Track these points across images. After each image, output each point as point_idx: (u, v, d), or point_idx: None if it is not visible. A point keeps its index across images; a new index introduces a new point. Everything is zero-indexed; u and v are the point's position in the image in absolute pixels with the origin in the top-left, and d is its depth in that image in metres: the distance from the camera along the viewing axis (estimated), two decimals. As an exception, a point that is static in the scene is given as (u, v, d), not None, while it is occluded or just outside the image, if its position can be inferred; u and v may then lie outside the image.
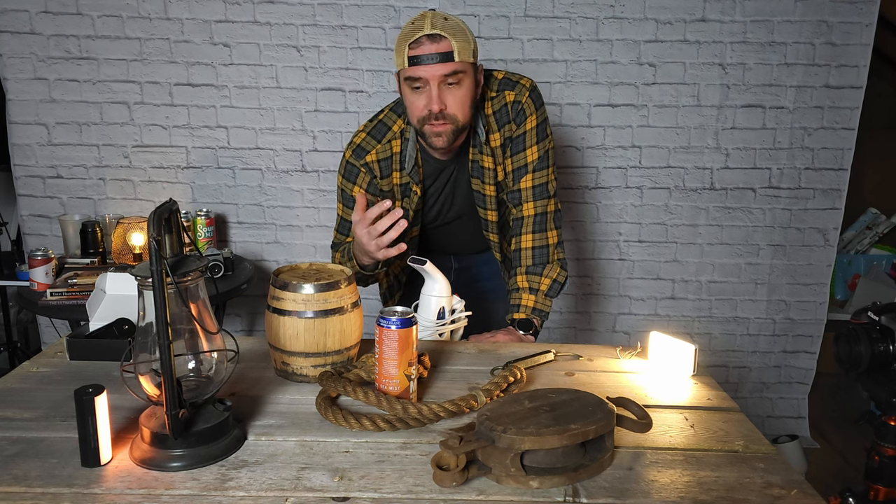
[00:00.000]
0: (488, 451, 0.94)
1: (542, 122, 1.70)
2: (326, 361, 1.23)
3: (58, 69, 2.65)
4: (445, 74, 1.52)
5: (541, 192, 1.71)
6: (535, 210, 1.71)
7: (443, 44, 1.50)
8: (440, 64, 1.51)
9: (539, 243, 1.70)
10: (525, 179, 1.70)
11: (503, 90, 1.68)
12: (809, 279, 2.93)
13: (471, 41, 1.55)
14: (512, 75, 1.71)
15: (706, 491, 0.93)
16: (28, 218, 2.78)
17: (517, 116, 1.67)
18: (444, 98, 1.54)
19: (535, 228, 1.70)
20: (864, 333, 1.21)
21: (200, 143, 2.75)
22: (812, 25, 2.68)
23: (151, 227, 0.89)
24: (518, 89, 1.67)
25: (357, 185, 1.72)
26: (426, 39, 1.50)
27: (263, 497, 0.89)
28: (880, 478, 1.27)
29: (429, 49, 1.50)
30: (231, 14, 2.64)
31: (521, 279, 1.69)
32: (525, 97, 1.67)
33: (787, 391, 3.06)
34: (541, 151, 1.69)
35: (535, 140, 1.69)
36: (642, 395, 1.23)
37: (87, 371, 1.26)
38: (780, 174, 2.83)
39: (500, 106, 1.68)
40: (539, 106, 1.69)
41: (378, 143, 1.70)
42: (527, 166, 1.70)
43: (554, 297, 1.69)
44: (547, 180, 1.71)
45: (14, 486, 0.90)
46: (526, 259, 1.70)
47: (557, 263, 1.70)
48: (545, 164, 1.70)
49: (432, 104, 1.53)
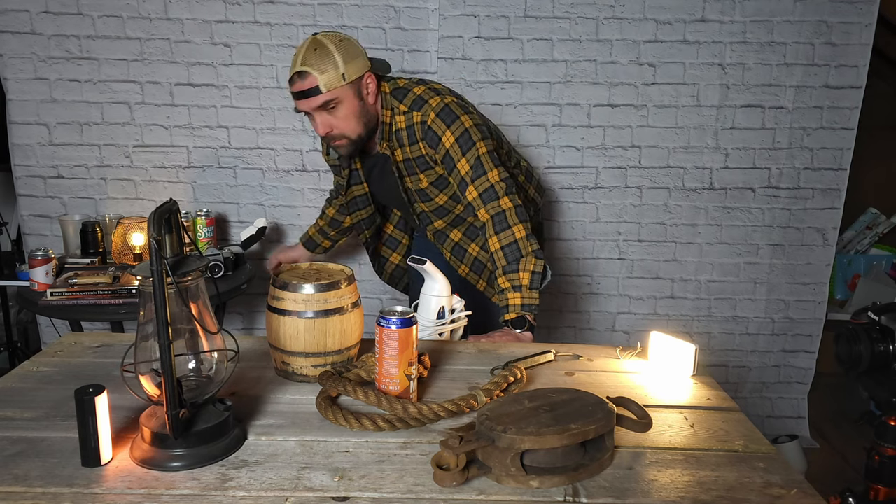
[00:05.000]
0: (488, 451, 0.94)
1: (462, 134, 1.74)
2: (326, 361, 1.23)
3: (58, 69, 2.66)
4: (318, 106, 1.70)
5: (488, 197, 1.74)
6: (490, 213, 1.73)
7: (308, 80, 1.68)
8: (309, 98, 1.70)
9: (506, 241, 1.71)
10: (468, 191, 1.75)
11: (413, 109, 1.77)
12: (808, 279, 2.93)
13: (340, 66, 1.68)
14: (426, 93, 1.77)
15: (706, 491, 0.93)
16: (28, 218, 2.79)
17: (426, 137, 1.76)
18: (328, 122, 1.74)
19: (496, 229, 1.72)
20: (864, 333, 1.22)
21: (201, 143, 2.76)
22: (812, 25, 2.68)
23: (152, 227, 0.89)
24: (424, 110, 1.75)
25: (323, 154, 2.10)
26: (297, 77, 1.69)
27: (264, 497, 0.89)
28: (880, 478, 1.27)
29: (299, 87, 1.70)
30: (231, 14, 2.64)
31: (501, 280, 1.70)
32: (431, 118, 1.74)
33: (787, 391, 3.06)
34: (471, 161, 1.74)
35: (460, 153, 1.74)
36: (642, 394, 1.23)
37: (87, 371, 1.27)
38: (780, 174, 2.83)
39: (409, 123, 1.77)
40: (451, 121, 1.74)
41: None
42: (464, 179, 1.75)
43: (538, 288, 1.68)
44: (490, 184, 1.74)
45: (14, 485, 0.90)
46: (500, 260, 1.71)
47: (531, 255, 1.69)
48: (481, 170, 1.74)
49: (318, 130, 1.76)
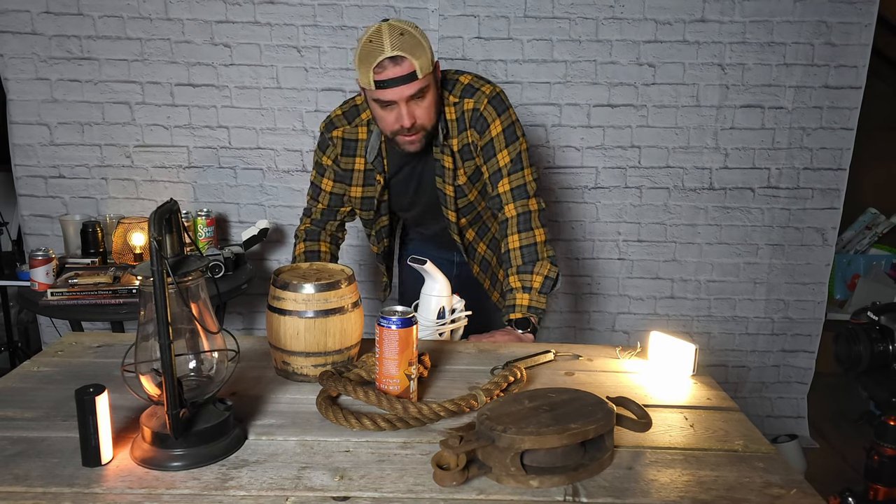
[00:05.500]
0: (488, 451, 0.94)
1: (509, 125, 1.72)
2: (327, 361, 1.23)
3: (59, 69, 2.66)
4: (412, 94, 1.58)
5: (520, 194, 1.73)
6: (517, 210, 1.72)
7: (404, 64, 1.54)
8: (405, 85, 1.56)
9: (526, 242, 1.71)
10: (502, 183, 1.73)
11: (464, 97, 1.72)
12: (808, 279, 2.93)
13: (427, 50, 1.58)
14: (475, 81, 1.74)
15: (706, 490, 0.93)
16: (29, 218, 2.79)
17: (476, 124, 1.71)
18: (413, 113, 1.61)
19: (519, 228, 1.72)
20: (863, 333, 1.22)
21: (202, 143, 2.76)
22: (811, 26, 2.68)
23: (152, 227, 0.89)
24: (477, 97, 1.71)
25: (326, 155, 1.83)
26: (389, 62, 1.54)
27: (264, 496, 0.89)
28: (880, 477, 1.27)
29: (393, 73, 1.55)
30: (232, 15, 2.64)
31: (513, 279, 1.70)
32: (484, 105, 1.70)
33: (787, 391, 3.06)
34: (512, 154, 1.72)
35: (503, 144, 1.72)
36: (642, 394, 1.23)
37: (87, 370, 1.27)
38: (779, 174, 2.84)
39: (460, 113, 1.72)
40: (502, 111, 1.72)
41: (348, 123, 1.79)
42: (501, 171, 1.73)
43: (547, 294, 1.69)
44: (524, 181, 1.73)
45: (15, 485, 0.90)
46: (515, 259, 1.71)
47: (548, 260, 1.71)
48: (519, 165, 1.73)
49: (403, 121, 1.61)
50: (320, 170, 1.86)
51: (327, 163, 1.83)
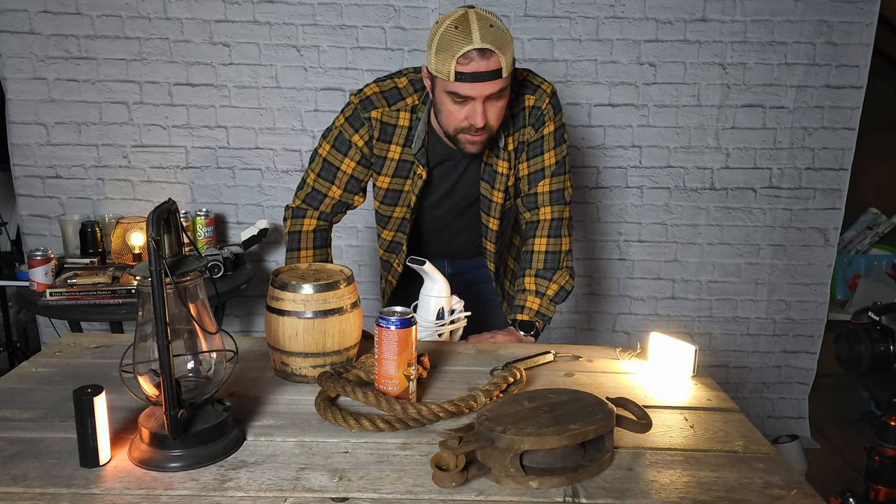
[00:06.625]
0: (488, 452, 0.93)
1: (560, 127, 1.67)
2: (326, 362, 1.22)
3: (57, 69, 2.65)
4: (494, 92, 1.45)
5: (558, 198, 1.69)
6: (552, 215, 1.69)
7: (493, 60, 1.41)
8: (489, 82, 1.43)
9: (553, 248, 1.69)
10: (543, 184, 1.68)
11: (523, 93, 1.63)
12: (810, 279, 2.93)
13: (512, 47, 1.46)
14: (534, 77, 1.66)
15: (706, 491, 0.92)
16: (27, 218, 2.78)
17: (535, 122, 1.64)
18: (487, 112, 1.48)
19: (550, 233, 1.69)
20: (864, 333, 1.21)
21: (200, 143, 2.75)
22: (812, 25, 2.68)
23: (150, 227, 0.89)
24: (538, 94, 1.63)
25: (358, 134, 1.62)
26: (476, 54, 1.40)
27: (262, 497, 0.89)
28: (880, 478, 1.27)
29: (479, 66, 1.40)
30: (231, 14, 2.64)
31: (529, 281, 1.68)
32: (545, 103, 1.63)
33: (788, 391, 3.06)
34: (558, 157, 1.67)
35: (552, 145, 1.66)
36: (642, 395, 1.22)
37: (86, 371, 1.26)
38: (781, 174, 2.83)
39: (518, 109, 1.63)
40: (558, 111, 1.66)
41: (388, 106, 1.61)
42: (544, 171, 1.67)
43: (559, 304, 1.69)
44: (563, 187, 1.70)
45: (13, 486, 0.90)
46: (537, 262, 1.69)
47: (567, 271, 1.70)
48: (562, 169, 1.69)
49: (476, 119, 1.47)
50: (343, 147, 1.64)
51: (358, 142, 1.62)
